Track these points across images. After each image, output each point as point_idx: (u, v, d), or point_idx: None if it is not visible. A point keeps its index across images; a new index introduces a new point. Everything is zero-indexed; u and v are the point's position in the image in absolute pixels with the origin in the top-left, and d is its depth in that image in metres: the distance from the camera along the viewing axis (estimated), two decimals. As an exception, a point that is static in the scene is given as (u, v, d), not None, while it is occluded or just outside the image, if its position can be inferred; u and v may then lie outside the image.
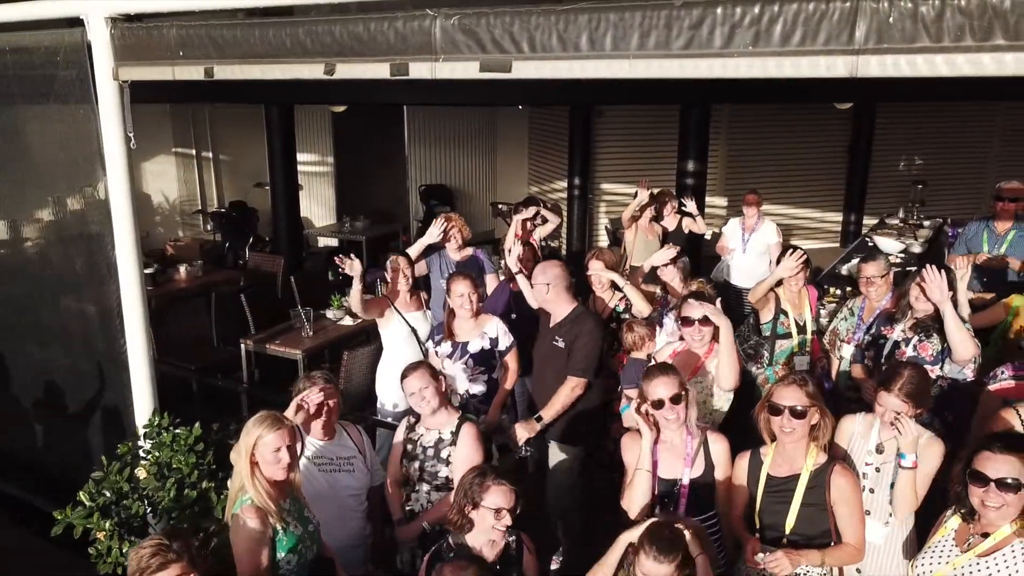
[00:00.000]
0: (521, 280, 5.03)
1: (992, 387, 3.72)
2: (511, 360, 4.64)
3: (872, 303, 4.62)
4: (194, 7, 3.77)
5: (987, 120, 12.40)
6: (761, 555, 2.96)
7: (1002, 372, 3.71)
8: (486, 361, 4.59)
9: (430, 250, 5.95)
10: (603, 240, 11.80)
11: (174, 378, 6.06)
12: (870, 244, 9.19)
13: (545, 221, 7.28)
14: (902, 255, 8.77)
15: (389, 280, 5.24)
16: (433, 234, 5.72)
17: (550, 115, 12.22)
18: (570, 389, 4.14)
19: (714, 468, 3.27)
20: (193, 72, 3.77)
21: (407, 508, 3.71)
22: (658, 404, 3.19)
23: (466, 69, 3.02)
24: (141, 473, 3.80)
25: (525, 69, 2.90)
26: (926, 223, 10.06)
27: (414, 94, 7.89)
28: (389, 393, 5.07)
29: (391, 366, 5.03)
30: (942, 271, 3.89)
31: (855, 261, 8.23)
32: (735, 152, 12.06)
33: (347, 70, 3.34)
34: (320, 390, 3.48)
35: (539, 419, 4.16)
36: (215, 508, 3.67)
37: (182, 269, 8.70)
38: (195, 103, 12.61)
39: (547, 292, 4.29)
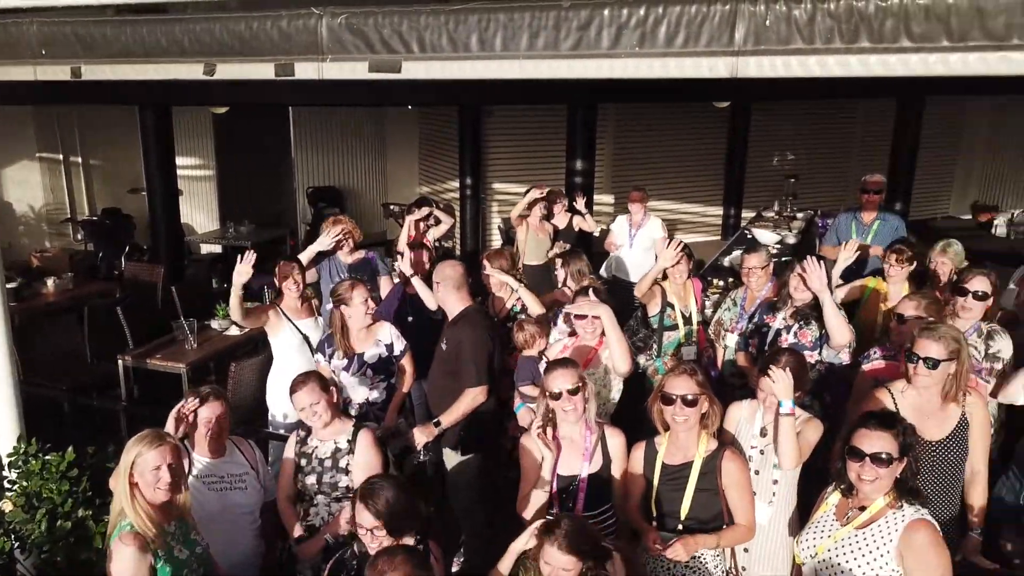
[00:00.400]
0: (417, 282, 4.98)
1: (865, 367, 3.95)
2: (407, 363, 4.59)
3: (753, 293, 4.83)
4: (57, 3, 3.52)
5: (849, 118, 13.21)
6: (660, 545, 3.04)
7: (874, 353, 3.95)
8: (384, 368, 4.51)
9: (320, 255, 5.80)
10: (496, 239, 11.85)
11: (42, 400, 5.66)
12: (749, 236, 9.60)
13: (438, 222, 7.24)
14: (778, 246, 9.21)
15: (278, 287, 5.07)
16: (324, 241, 5.57)
17: (440, 115, 12.17)
18: (471, 399, 4.11)
19: (611, 462, 3.33)
20: (58, 72, 3.52)
21: (307, 523, 3.59)
22: (556, 396, 3.22)
23: (354, 69, 2.95)
24: (7, 506, 3.51)
25: (415, 69, 2.86)
26: (799, 215, 10.59)
27: (301, 95, 7.68)
28: (281, 404, 4.90)
29: (282, 376, 4.86)
30: (820, 261, 4.11)
31: (736, 253, 8.60)
32: (620, 150, 12.37)
33: (229, 70, 3.21)
34: (202, 401, 3.33)
35: (437, 423, 4.12)
36: (93, 538, 3.44)
37: (50, 282, 8.12)
38: (61, 105, 11.83)
39: (438, 291, 4.28)
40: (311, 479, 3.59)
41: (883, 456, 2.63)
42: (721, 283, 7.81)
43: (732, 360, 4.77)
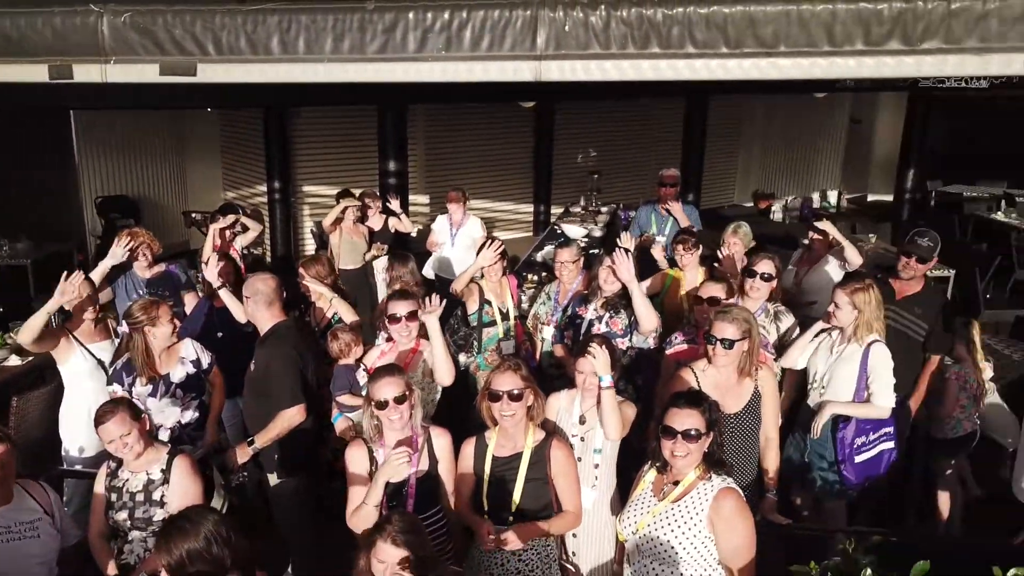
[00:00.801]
0: (225, 294, 4.73)
1: (668, 351, 4.24)
2: (216, 376, 4.36)
3: (566, 286, 5.03)
4: None
5: (645, 116, 14.06)
6: (493, 535, 3.09)
7: (676, 338, 4.25)
8: (196, 386, 4.24)
9: (116, 270, 5.34)
10: (310, 244, 11.49)
11: None
12: (559, 231, 9.98)
13: (246, 229, 6.92)
14: (586, 239, 9.64)
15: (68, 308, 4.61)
16: (117, 254, 5.14)
17: (243, 116, 11.62)
18: (285, 421, 3.92)
19: (438, 463, 3.35)
20: None
21: (121, 560, 3.31)
22: (382, 405, 3.19)
23: (143, 72, 2.74)
24: None
25: (212, 72, 2.70)
26: (603, 209, 11.09)
27: (83, 99, 7.02)
28: (76, 437, 4.49)
29: (76, 407, 4.47)
30: (628, 253, 4.35)
31: (548, 248, 8.90)
32: (432, 151, 12.42)
33: (-9, 72, 2.87)
34: None
35: (251, 443, 3.93)
36: None
37: None
38: None
39: (247, 307, 4.08)
40: (122, 515, 3.32)
41: (693, 432, 2.83)
42: (535, 278, 8.05)
43: (550, 352, 4.94)
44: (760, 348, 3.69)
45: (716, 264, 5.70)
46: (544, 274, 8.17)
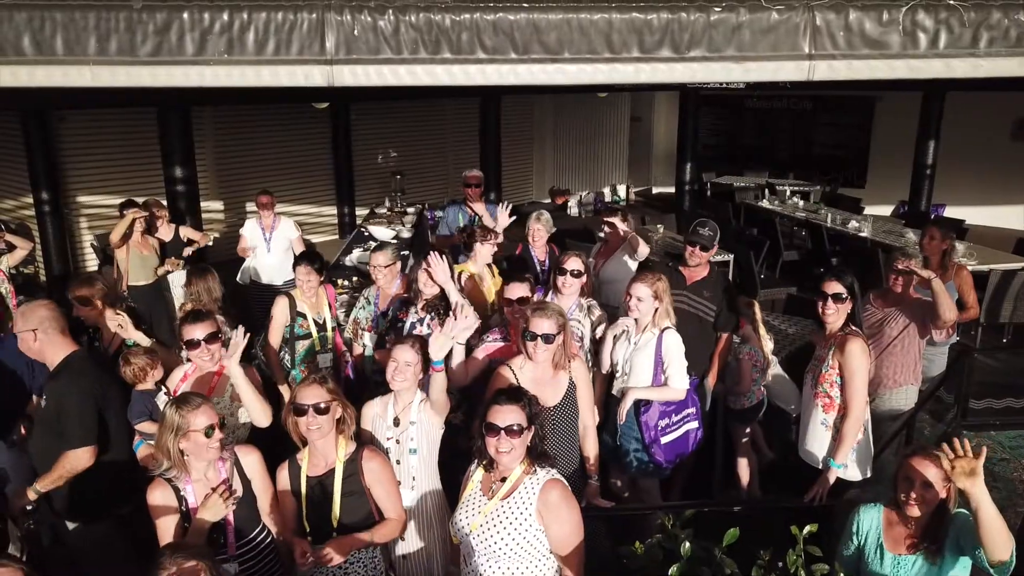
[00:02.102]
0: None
1: (479, 349, 4.26)
2: None
3: (386, 290, 4.95)
4: None
5: (441, 116, 14.18)
6: (310, 555, 2.98)
7: (488, 336, 4.29)
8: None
9: None
10: (91, 259, 10.52)
11: None
12: (366, 234, 9.82)
13: (12, 248, 6.20)
14: (395, 240, 9.57)
15: None
16: None
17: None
18: (70, 463, 3.53)
19: (251, 482, 3.18)
20: None
21: None
22: (209, 432, 2.98)
23: None
24: None
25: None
26: (409, 209, 11.07)
27: None
28: None
29: None
30: (442, 255, 4.35)
31: (357, 252, 8.75)
32: (223, 155, 11.79)
33: None
34: None
35: (35, 492, 3.53)
36: None
37: None
38: None
39: (35, 341, 3.63)
40: None
41: (515, 427, 2.87)
42: (347, 283, 7.88)
43: (372, 357, 4.84)
44: (572, 340, 3.83)
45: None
46: (355, 278, 8.02)
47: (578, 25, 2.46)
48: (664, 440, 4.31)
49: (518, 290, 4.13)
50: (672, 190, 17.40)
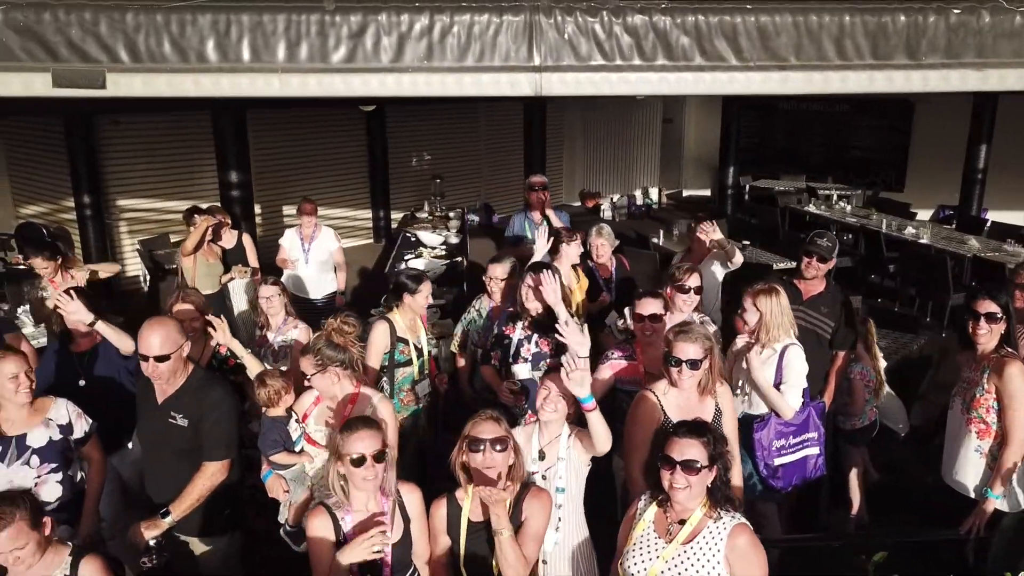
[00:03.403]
0: (104, 327, 3.95)
1: (604, 366, 4.03)
2: (93, 450, 3.65)
3: (499, 304, 4.72)
4: None
5: (472, 119, 13.95)
6: None
7: (612, 353, 4.06)
8: (58, 455, 3.50)
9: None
10: (135, 265, 10.31)
11: None
12: (412, 239, 9.62)
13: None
14: (443, 247, 9.36)
15: None
16: None
17: (33, 124, 10.20)
18: (208, 477, 3.39)
19: (410, 522, 2.96)
20: None
21: None
22: (359, 462, 2.77)
23: (30, 84, 2.16)
24: None
25: (127, 85, 2.17)
26: (451, 214, 10.83)
27: None
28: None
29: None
30: (554, 274, 4.13)
31: (410, 258, 8.57)
32: (264, 158, 11.58)
33: None
34: None
35: (166, 514, 3.32)
36: None
37: None
38: None
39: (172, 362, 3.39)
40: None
41: (694, 464, 2.67)
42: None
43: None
44: (719, 363, 3.59)
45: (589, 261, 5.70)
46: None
47: (806, 29, 2.24)
48: (778, 462, 4.11)
49: (650, 306, 3.90)
50: (704, 193, 17.29)
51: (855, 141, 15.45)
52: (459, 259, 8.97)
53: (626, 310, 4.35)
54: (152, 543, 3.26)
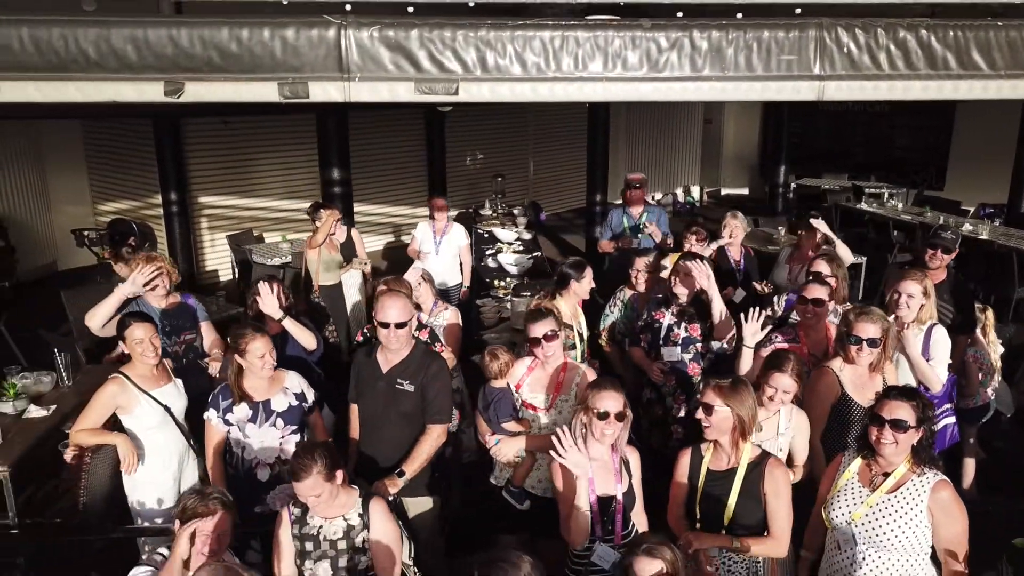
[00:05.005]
0: (290, 324, 4.38)
1: (763, 352, 4.39)
2: (317, 417, 4.06)
3: (645, 293, 5.11)
4: None
5: (521, 120, 14.31)
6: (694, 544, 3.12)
7: (776, 337, 4.43)
8: (297, 419, 3.93)
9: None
10: (213, 260, 10.70)
11: None
12: (486, 235, 9.99)
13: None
14: (520, 242, 9.73)
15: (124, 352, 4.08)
16: (138, 282, 4.56)
17: (113, 126, 10.62)
18: (435, 438, 3.80)
19: (632, 478, 3.35)
20: None
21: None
22: (603, 416, 3.16)
23: (394, 91, 2.54)
24: None
25: (477, 91, 2.56)
26: (515, 211, 11.17)
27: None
28: (151, 492, 4.02)
29: (148, 459, 4.01)
30: (704, 261, 4.50)
31: (491, 254, 8.96)
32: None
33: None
34: (206, 513, 2.63)
35: (401, 474, 3.71)
36: None
37: None
38: None
39: (404, 333, 3.79)
40: (323, 565, 3.03)
41: (902, 424, 3.03)
42: (503, 283, 8.07)
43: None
44: (891, 344, 3.94)
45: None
46: (509, 279, 8.19)
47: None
48: None
49: (816, 291, 4.27)
50: (743, 191, 17.65)
51: (896, 140, 15.80)
52: (538, 253, 9.36)
53: (775, 299, 4.72)
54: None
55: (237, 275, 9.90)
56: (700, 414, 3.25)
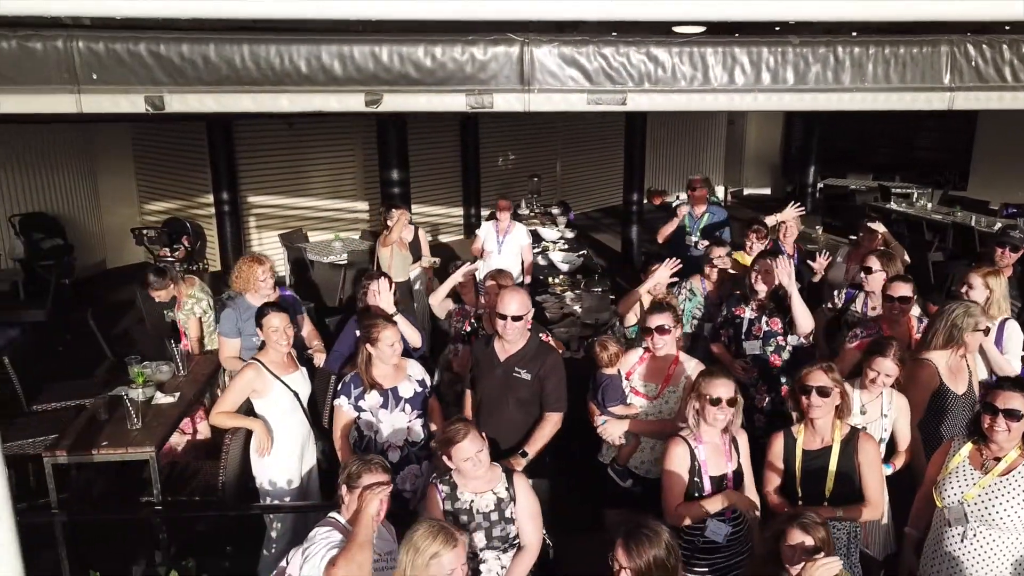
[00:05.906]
0: (401, 320, 4.62)
1: (851, 345, 4.63)
2: (434, 401, 4.34)
3: (716, 285, 5.40)
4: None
5: (550, 123, 14.50)
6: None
7: (860, 332, 4.68)
8: (421, 404, 4.20)
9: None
10: (278, 251, 10.97)
11: None
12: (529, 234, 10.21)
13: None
14: (564, 241, 9.96)
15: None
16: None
17: (160, 128, 10.91)
18: (553, 425, 4.06)
19: (740, 457, 3.62)
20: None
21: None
22: (716, 402, 3.42)
23: (568, 101, 2.82)
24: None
25: (642, 102, 2.83)
26: (553, 210, 11.38)
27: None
28: (281, 472, 4.29)
29: (279, 441, 4.27)
30: (789, 259, 4.77)
31: (538, 252, 9.20)
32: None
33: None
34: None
35: (524, 454, 3.98)
36: None
37: None
38: None
39: (519, 326, 4.05)
40: (478, 536, 3.29)
41: (1015, 413, 3.25)
42: (558, 280, 8.31)
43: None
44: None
45: None
46: (562, 275, 8.44)
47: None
48: None
49: (901, 289, 4.54)
50: (765, 191, 17.90)
51: (919, 141, 16.04)
52: (584, 252, 9.61)
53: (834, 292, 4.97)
54: None
55: (289, 272, 10.15)
56: (815, 397, 3.52)
